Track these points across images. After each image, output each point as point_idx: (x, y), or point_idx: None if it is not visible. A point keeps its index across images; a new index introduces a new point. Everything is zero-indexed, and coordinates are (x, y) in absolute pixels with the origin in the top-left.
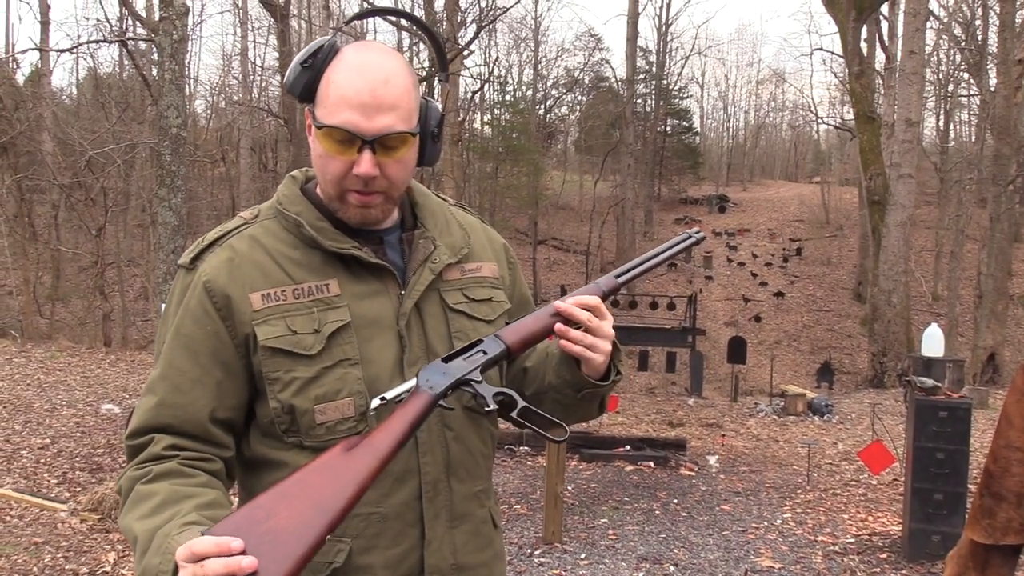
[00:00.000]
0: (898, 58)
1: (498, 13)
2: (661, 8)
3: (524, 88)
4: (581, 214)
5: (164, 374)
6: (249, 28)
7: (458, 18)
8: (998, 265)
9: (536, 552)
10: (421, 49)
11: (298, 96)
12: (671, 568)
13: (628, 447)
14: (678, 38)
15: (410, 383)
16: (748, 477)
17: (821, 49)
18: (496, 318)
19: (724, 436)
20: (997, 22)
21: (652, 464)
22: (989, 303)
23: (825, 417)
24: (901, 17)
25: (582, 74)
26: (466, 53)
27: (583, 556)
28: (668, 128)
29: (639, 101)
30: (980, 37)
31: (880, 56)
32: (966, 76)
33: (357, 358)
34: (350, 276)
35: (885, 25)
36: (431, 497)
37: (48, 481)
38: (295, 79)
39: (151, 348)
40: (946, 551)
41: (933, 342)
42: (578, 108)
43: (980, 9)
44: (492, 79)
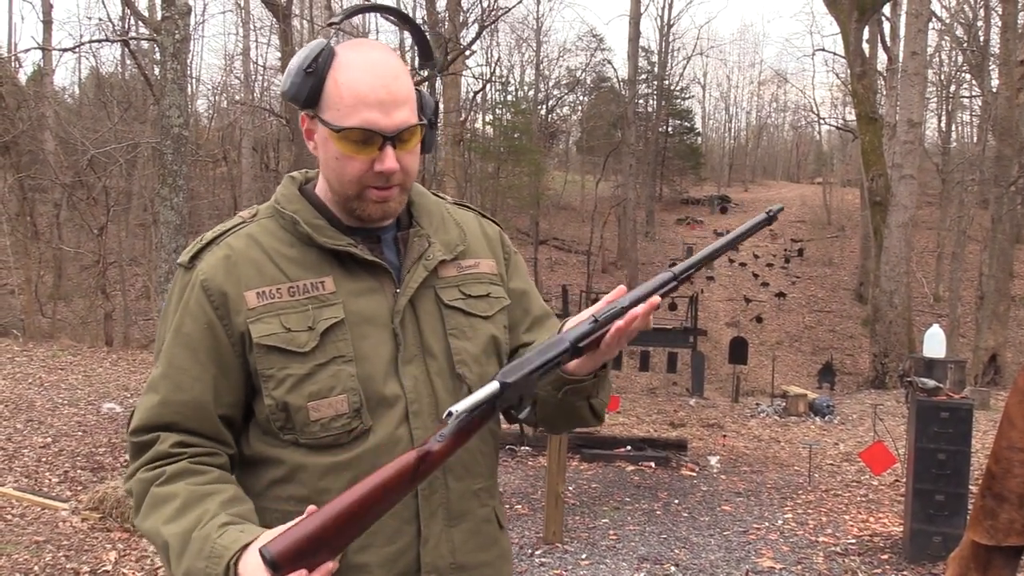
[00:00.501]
0: (900, 59)
1: (500, 13)
2: (663, 8)
3: (526, 88)
4: (583, 214)
5: (165, 372)
6: (251, 28)
7: (460, 18)
8: (1000, 266)
9: (537, 552)
10: None
11: (303, 103)
12: (672, 568)
13: (629, 447)
14: (680, 38)
15: (490, 388)
16: (749, 478)
17: (823, 50)
18: (494, 314)
19: (725, 436)
20: (999, 23)
21: (653, 464)
22: (991, 304)
23: (826, 418)
24: (903, 18)
25: (584, 74)
26: (468, 53)
27: (584, 556)
28: (670, 128)
29: (641, 101)
30: (982, 38)
31: (882, 57)
32: (968, 77)
33: (351, 355)
34: (345, 273)
35: (887, 26)
36: (427, 495)
37: (49, 480)
38: (299, 85)
39: (152, 347)
40: (947, 552)
41: (935, 343)
42: (580, 108)
43: (982, 10)
44: (494, 79)
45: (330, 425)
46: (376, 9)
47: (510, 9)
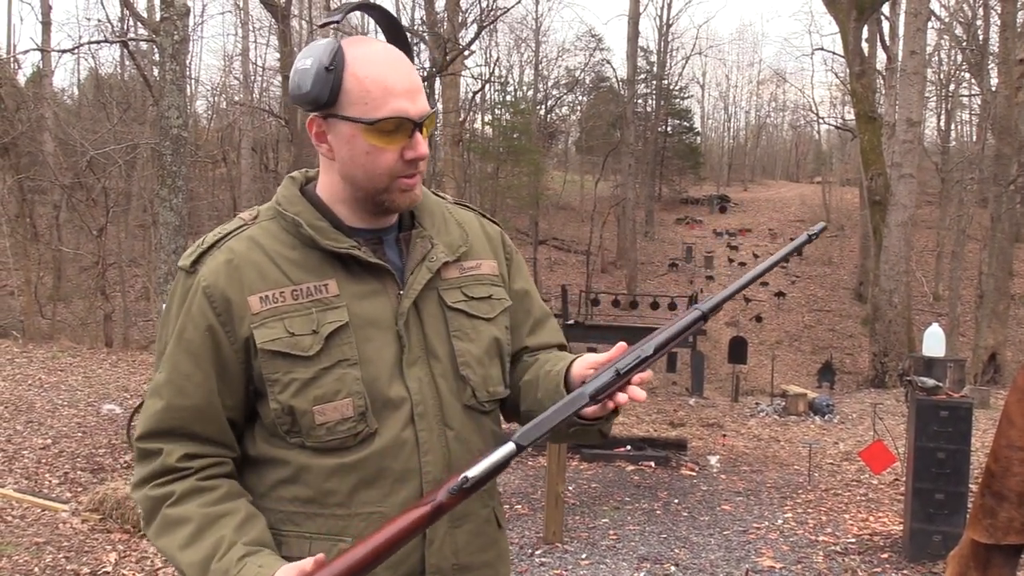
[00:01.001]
0: (899, 58)
1: (499, 13)
2: (662, 8)
3: (525, 88)
4: (582, 214)
5: (169, 378)
6: (250, 29)
7: (459, 18)
8: (999, 265)
9: (537, 552)
10: (421, 49)
11: (323, 103)
12: (672, 568)
13: (629, 447)
14: (679, 38)
15: (505, 450)
16: (749, 477)
17: (822, 49)
18: (496, 315)
19: (725, 436)
20: (998, 22)
21: (653, 464)
22: (990, 303)
23: (826, 417)
24: (902, 17)
25: (583, 74)
26: (467, 53)
27: (584, 556)
28: (669, 128)
29: (640, 101)
30: (981, 37)
31: (881, 56)
32: (967, 76)
33: (355, 358)
34: (349, 276)
35: (886, 25)
36: None
37: (49, 481)
38: (322, 85)
39: (152, 348)
40: (947, 551)
41: (934, 342)
42: (579, 108)
43: (981, 9)
44: (493, 79)
45: (336, 428)
46: (365, 8)
47: (509, 9)
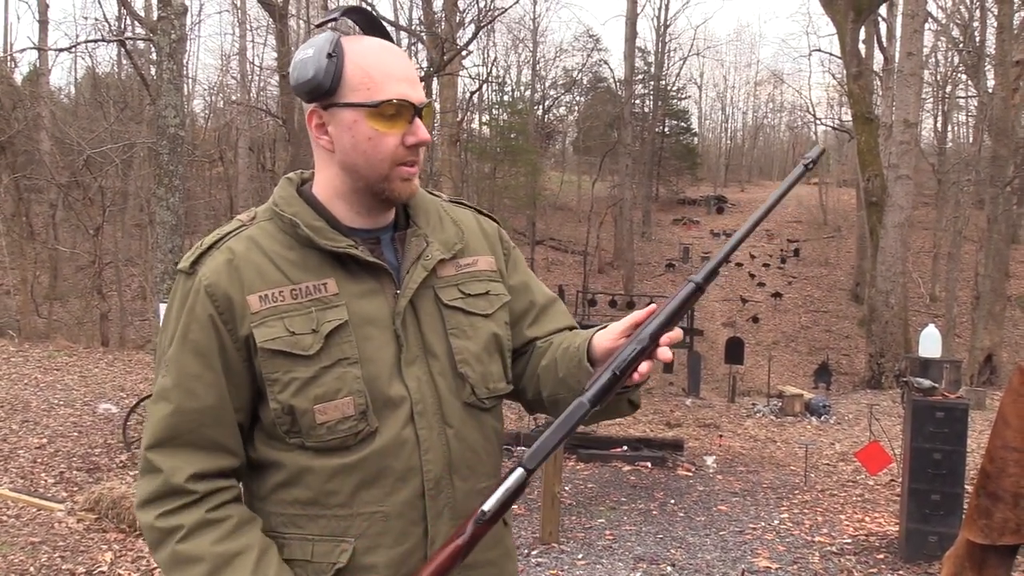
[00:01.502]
0: (896, 59)
1: (497, 13)
2: (659, 9)
3: (522, 88)
4: (579, 214)
5: (177, 381)
6: (248, 28)
7: (456, 18)
8: (995, 266)
9: (533, 552)
10: (419, 49)
11: (324, 92)
12: (668, 568)
13: (625, 447)
14: (676, 39)
15: (515, 476)
16: (745, 477)
17: (819, 50)
18: (494, 312)
19: (721, 436)
20: (995, 24)
21: (649, 464)
22: (986, 304)
23: (822, 418)
24: (899, 19)
25: (580, 75)
26: (465, 53)
27: (580, 556)
28: (666, 129)
29: (637, 102)
30: (978, 39)
31: (878, 57)
32: (964, 78)
33: (356, 357)
34: (347, 275)
35: (883, 26)
36: (434, 495)
37: (45, 481)
38: (323, 71)
39: (149, 348)
40: (943, 551)
41: (930, 343)
42: (576, 108)
43: (978, 11)
44: (490, 79)
45: (337, 428)
46: (362, 13)
47: (506, 9)
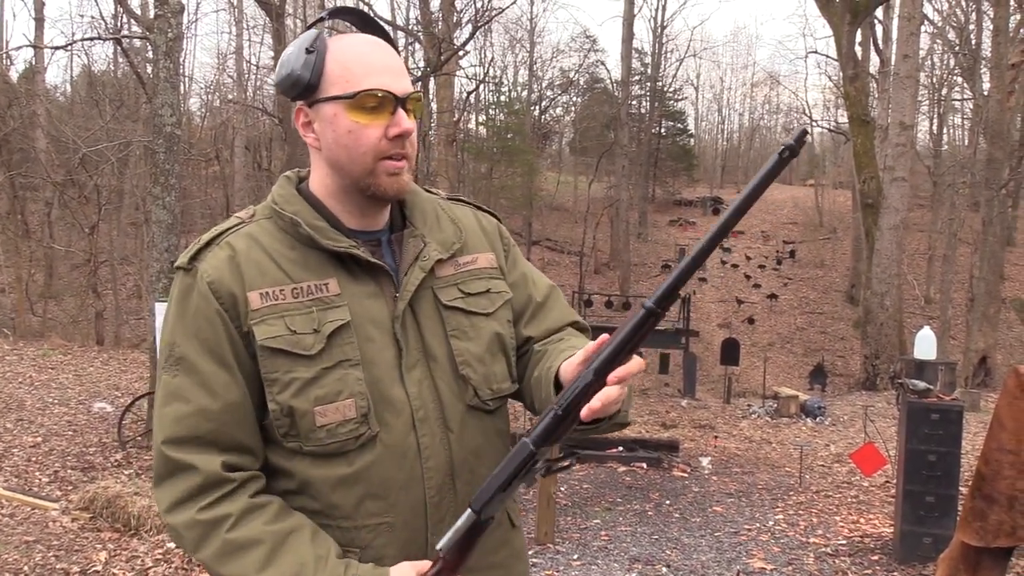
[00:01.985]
0: (892, 62)
1: (494, 14)
2: (656, 10)
3: (519, 89)
4: (575, 215)
5: (192, 380)
6: (244, 26)
7: (454, 18)
8: (990, 269)
9: (528, 553)
10: (417, 49)
11: (304, 87)
12: (663, 569)
13: (621, 448)
14: (673, 40)
15: (464, 518)
16: (740, 479)
17: (816, 52)
18: (496, 310)
19: (717, 437)
20: (991, 26)
21: (645, 465)
22: (981, 306)
23: (817, 419)
24: (895, 21)
25: (577, 75)
26: (462, 54)
27: (575, 557)
28: (663, 130)
29: (634, 103)
30: (974, 41)
31: (874, 60)
32: (960, 80)
33: (358, 359)
34: (349, 276)
35: (879, 29)
36: (436, 503)
37: (39, 479)
38: (302, 66)
39: (144, 347)
40: (937, 553)
41: (925, 345)
42: (573, 109)
43: (974, 14)
44: (487, 80)
45: (336, 431)
46: (355, 13)
47: (504, 10)
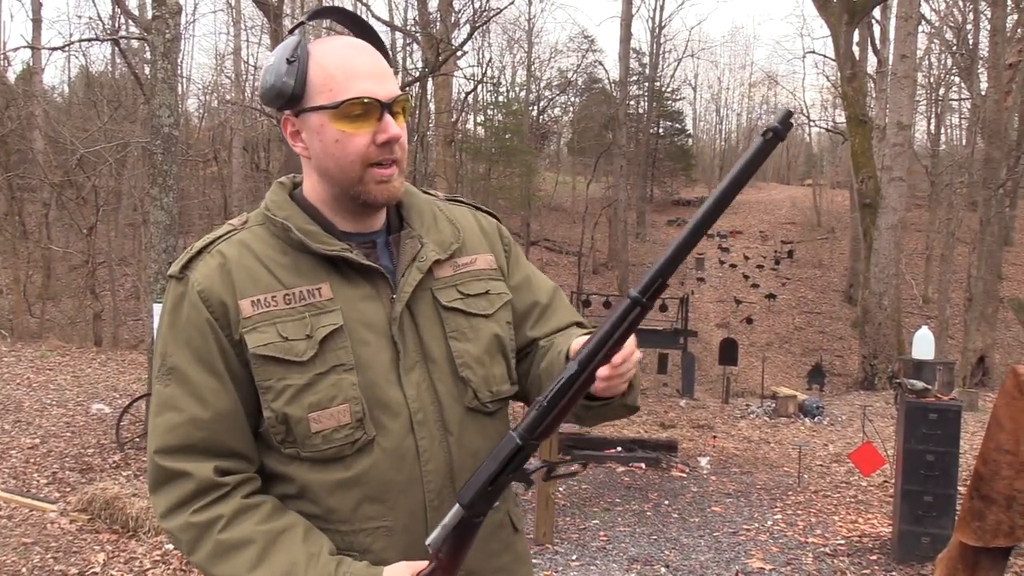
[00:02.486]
0: (890, 62)
1: (492, 14)
2: (654, 10)
3: (517, 89)
4: (574, 215)
5: (183, 389)
6: (242, 27)
7: (452, 18)
8: (988, 268)
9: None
10: (414, 49)
11: (288, 98)
12: (662, 569)
13: (619, 448)
14: (671, 40)
15: (453, 512)
16: (739, 478)
17: (813, 52)
18: (495, 311)
19: (715, 437)
20: (988, 27)
21: (643, 465)
22: (979, 306)
23: (816, 419)
24: (893, 21)
25: (575, 75)
26: (460, 54)
27: (574, 557)
28: (661, 130)
29: (632, 103)
30: (971, 41)
31: (872, 60)
32: (957, 80)
33: (351, 363)
34: (342, 280)
35: (877, 29)
36: (436, 506)
37: (37, 481)
38: (284, 77)
39: (142, 348)
40: (936, 553)
41: (923, 345)
42: (571, 109)
43: (971, 14)
44: (485, 80)
45: (332, 436)
46: (340, 13)
47: (502, 10)
